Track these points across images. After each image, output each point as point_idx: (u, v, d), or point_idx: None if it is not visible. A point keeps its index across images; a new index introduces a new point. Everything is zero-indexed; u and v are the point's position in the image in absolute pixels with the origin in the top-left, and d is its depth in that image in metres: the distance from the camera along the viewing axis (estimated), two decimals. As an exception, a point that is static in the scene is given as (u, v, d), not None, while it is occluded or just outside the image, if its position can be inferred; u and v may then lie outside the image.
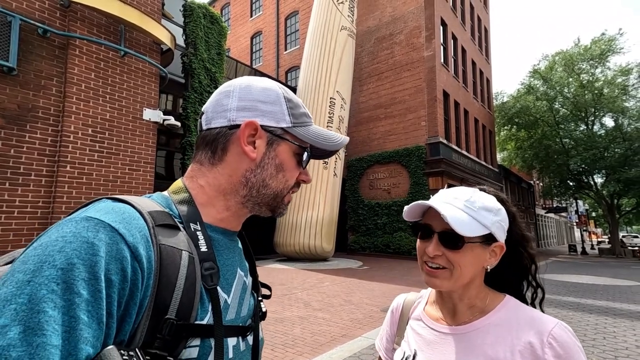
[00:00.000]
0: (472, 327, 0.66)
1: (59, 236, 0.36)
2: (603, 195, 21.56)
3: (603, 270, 12.73)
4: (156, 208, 0.48)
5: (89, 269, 0.35)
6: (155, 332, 0.40)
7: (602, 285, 8.77)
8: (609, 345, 4.01)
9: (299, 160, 0.58)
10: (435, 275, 0.66)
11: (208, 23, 8.44)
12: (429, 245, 0.66)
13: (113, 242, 0.38)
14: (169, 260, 0.43)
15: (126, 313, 0.39)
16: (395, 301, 0.86)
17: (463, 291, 0.69)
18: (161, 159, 8.98)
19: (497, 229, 0.65)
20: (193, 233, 0.49)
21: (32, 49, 4.31)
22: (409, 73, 14.51)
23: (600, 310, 5.83)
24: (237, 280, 0.56)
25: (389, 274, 9.24)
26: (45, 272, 0.33)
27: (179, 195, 0.53)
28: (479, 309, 0.68)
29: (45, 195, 4.33)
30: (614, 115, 20.30)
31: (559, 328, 0.59)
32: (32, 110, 4.28)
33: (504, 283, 0.73)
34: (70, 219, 0.40)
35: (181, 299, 0.43)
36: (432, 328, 0.71)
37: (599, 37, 20.62)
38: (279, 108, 0.56)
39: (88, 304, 0.34)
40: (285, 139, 0.56)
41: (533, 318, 0.63)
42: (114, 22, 5.00)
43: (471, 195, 0.67)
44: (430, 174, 13.37)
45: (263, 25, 20.69)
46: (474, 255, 0.65)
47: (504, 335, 0.62)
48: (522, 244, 0.72)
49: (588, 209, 33.08)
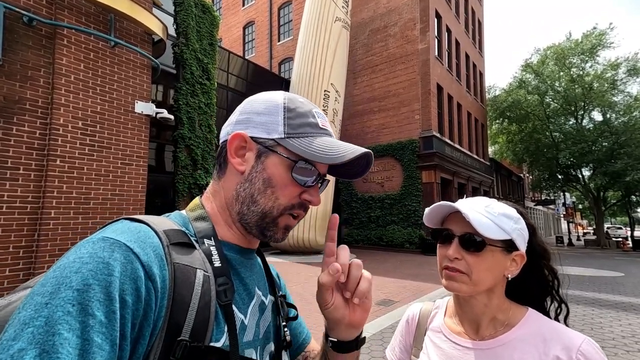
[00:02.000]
0: (498, 342, 0.65)
1: (77, 257, 0.37)
2: (590, 188, 22.08)
3: (589, 261, 13.10)
4: (172, 227, 0.47)
5: (104, 289, 0.35)
6: (169, 354, 0.39)
7: (589, 276, 9.04)
8: (596, 335, 4.15)
9: (297, 178, 0.51)
10: (454, 279, 0.66)
11: (199, 12, 8.23)
12: (449, 249, 0.66)
13: (127, 262, 0.38)
14: (183, 279, 0.43)
15: (140, 334, 0.38)
16: (411, 310, 0.85)
17: (486, 300, 0.68)
18: (152, 151, 8.82)
19: (517, 236, 0.66)
20: (207, 249, 0.48)
21: (18, 38, 4.14)
22: (403, 66, 14.46)
23: (587, 301, 6.01)
24: (255, 300, 0.54)
25: (382, 266, 9.35)
26: (62, 293, 0.34)
27: (195, 213, 0.53)
28: (501, 323, 0.67)
29: (34, 190, 4.22)
30: (603, 110, 20.69)
31: (587, 344, 0.59)
32: (19, 102, 4.13)
33: (527, 298, 0.73)
34: (88, 240, 0.40)
35: (195, 319, 0.42)
36: (453, 342, 0.70)
37: (590, 30, 20.84)
38: (273, 118, 0.52)
39: (102, 326, 0.34)
40: (276, 152, 0.51)
41: (560, 333, 0.62)
42: (104, 11, 4.82)
43: (490, 203, 0.68)
44: (424, 167, 13.47)
45: (255, 14, 20.28)
46: (495, 261, 0.65)
47: (530, 351, 0.62)
48: (545, 257, 0.72)
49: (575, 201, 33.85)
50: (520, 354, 0.62)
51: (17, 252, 4.01)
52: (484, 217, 0.64)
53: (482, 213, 0.65)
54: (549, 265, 0.72)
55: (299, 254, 11.00)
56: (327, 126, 0.56)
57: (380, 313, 4.66)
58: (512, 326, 0.66)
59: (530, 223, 0.72)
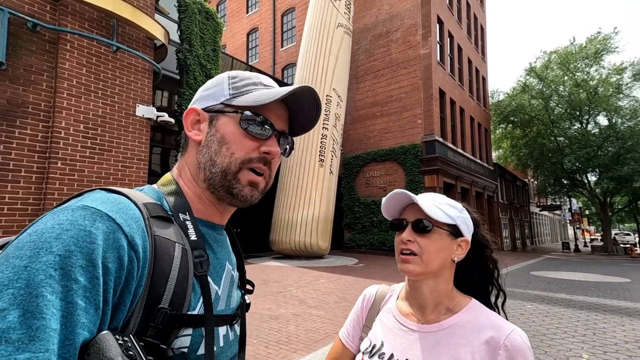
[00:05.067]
0: (439, 327, 0.71)
1: (56, 223, 0.36)
2: (596, 194, 21.79)
3: (595, 267, 12.88)
4: (149, 200, 0.49)
5: (86, 256, 0.35)
6: (149, 320, 0.41)
7: (594, 282, 8.88)
8: (599, 341, 4.07)
9: (248, 129, 0.53)
10: (407, 261, 0.72)
11: (203, 19, 8.35)
12: (404, 233, 0.74)
13: (110, 231, 0.39)
14: (163, 252, 0.44)
15: (121, 301, 0.39)
16: (367, 291, 0.89)
17: (434, 285, 0.74)
18: (156, 156, 8.91)
19: (461, 223, 0.74)
20: (182, 223, 0.50)
21: (22, 43, 4.24)
22: (405, 71, 14.50)
23: (591, 306, 5.90)
24: (225, 273, 0.57)
25: (385, 271, 9.28)
26: (43, 257, 0.33)
27: (168, 187, 0.55)
28: (446, 308, 0.73)
29: (35, 192, 4.28)
30: (608, 114, 20.49)
31: (515, 333, 0.65)
32: (22, 106, 4.22)
33: (472, 287, 0.79)
34: (66, 207, 0.40)
35: (174, 289, 0.44)
36: (400, 322, 0.76)
37: (595, 35, 20.76)
38: (219, 87, 0.56)
39: (85, 290, 0.35)
40: (224, 112, 0.55)
41: (493, 322, 0.68)
42: (106, 16, 4.93)
43: (437, 196, 0.77)
44: (426, 172, 13.41)
45: (259, 21, 20.54)
46: (443, 244, 0.72)
47: (466, 336, 0.67)
48: (488, 247, 0.80)
49: (581, 207, 33.46)
50: (457, 338, 0.68)
51: (17, 253, 4.06)
52: (432, 205, 0.73)
53: (431, 202, 0.74)
54: (491, 256, 0.79)
55: (301, 258, 10.96)
56: (273, 83, 0.58)
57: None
58: (455, 313, 0.72)
59: (475, 217, 0.80)
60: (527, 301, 6.22)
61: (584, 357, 3.54)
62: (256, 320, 4.44)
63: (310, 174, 11.23)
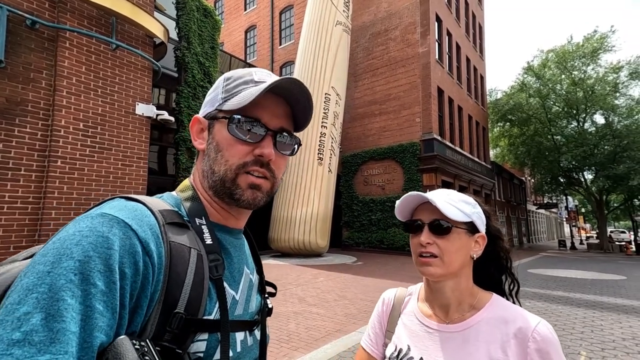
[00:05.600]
0: (466, 325, 0.70)
1: (76, 231, 0.38)
2: (592, 192, 21.95)
3: (591, 265, 13.01)
4: (166, 207, 0.50)
5: (104, 261, 0.37)
6: (165, 325, 0.42)
7: (590, 279, 8.98)
8: (597, 338, 4.12)
9: (236, 134, 0.52)
10: (428, 264, 0.71)
11: (201, 16, 8.31)
12: (421, 236, 0.73)
13: (126, 237, 0.40)
14: (179, 257, 0.45)
15: (137, 305, 0.41)
16: (386, 295, 0.88)
17: (455, 284, 0.73)
18: (154, 154, 8.87)
19: (477, 219, 0.74)
20: (198, 227, 0.51)
21: (21, 40, 4.20)
22: (403, 69, 14.51)
23: (588, 304, 5.97)
24: (244, 278, 0.57)
25: (383, 269, 9.32)
26: (64, 263, 0.35)
27: (185, 193, 0.56)
28: (469, 306, 0.73)
29: (35, 191, 4.26)
30: (605, 113, 20.61)
31: (542, 325, 0.66)
32: (21, 104, 4.19)
33: (487, 279, 0.79)
34: (86, 215, 0.42)
35: (190, 294, 0.44)
36: (425, 324, 0.75)
37: (591, 34, 20.84)
38: (216, 92, 0.56)
39: (103, 295, 0.36)
40: (218, 118, 0.54)
41: (519, 315, 0.69)
42: (105, 14, 4.89)
43: (450, 193, 0.76)
44: (424, 170, 13.45)
45: (257, 19, 20.44)
46: (462, 243, 0.72)
47: (494, 332, 0.67)
48: (500, 238, 0.80)
49: (577, 205, 33.65)
50: (485, 335, 0.68)
51: (17, 252, 4.01)
52: (447, 204, 0.71)
53: (446, 201, 0.72)
54: (504, 246, 0.79)
55: (300, 256, 10.98)
56: (267, 78, 0.55)
57: (379, 315, 4.65)
58: (478, 310, 0.72)
59: (486, 209, 0.80)
60: (524, 299, 6.28)
61: (582, 355, 3.59)
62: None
63: (309, 172, 11.24)
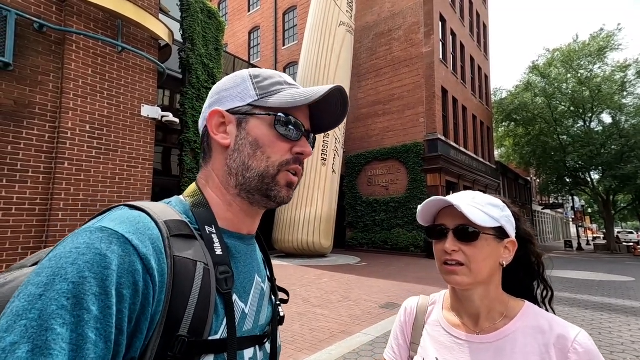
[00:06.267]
0: (500, 335, 0.66)
1: (73, 247, 0.36)
2: (599, 192, 21.71)
3: (598, 266, 12.86)
4: (174, 217, 0.47)
5: (100, 282, 0.35)
6: (167, 350, 0.39)
7: (598, 280, 8.87)
8: (605, 340, 4.07)
9: (282, 132, 0.52)
10: (455, 272, 0.66)
11: (205, 18, 8.35)
12: (446, 243, 0.67)
13: (125, 254, 0.37)
14: (183, 273, 0.42)
15: (137, 329, 0.38)
16: (408, 304, 0.83)
17: (485, 292, 0.68)
18: (158, 154, 8.93)
19: (506, 223, 0.68)
20: (209, 236, 0.48)
21: (28, 44, 4.25)
22: (407, 69, 14.47)
23: (595, 305, 5.90)
24: (254, 287, 0.54)
25: (387, 270, 9.29)
26: (57, 285, 0.33)
27: (194, 199, 0.52)
28: (500, 314, 0.68)
29: (43, 192, 4.30)
30: (612, 112, 20.39)
31: (583, 335, 0.62)
32: (29, 107, 4.24)
33: (517, 285, 0.74)
34: (85, 228, 0.39)
35: (194, 314, 0.41)
36: (453, 335, 0.70)
37: (598, 32, 20.62)
38: (244, 86, 0.54)
39: (97, 321, 0.34)
40: (254, 114, 0.52)
41: (557, 324, 0.64)
42: (111, 17, 4.94)
43: (475, 195, 0.70)
44: (428, 170, 13.40)
45: (261, 20, 20.50)
46: (490, 250, 0.66)
47: (531, 343, 0.63)
48: (532, 242, 0.74)
49: (584, 205, 33.30)
50: (521, 346, 0.63)
51: (25, 253, 4.09)
52: (473, 208, 0.66)
53: (471, 204, 0.67)
54: (535, 250, 0.74)
55: (304, 257, 10.99)
56: (297, 84, 0.57)
57: (385, 316, 4.64)
58: (511, 318, 0.67)
59: (515, 211, 0.74)
60: (531, 300, 6.22)
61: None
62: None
63: (312, 172, 11.24)
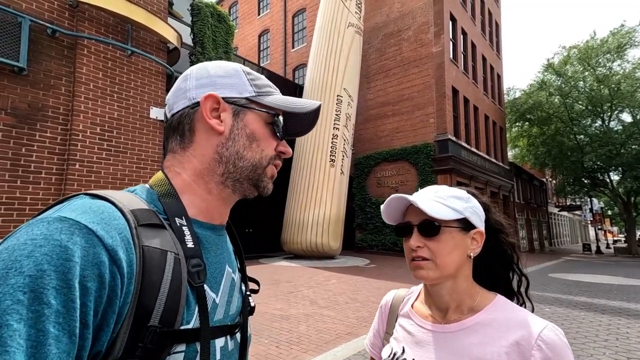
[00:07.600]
0: (461, 326, 0.66)
1: (29, 239, 0.33)
2: (619, 193, 20.98)
3: (618, 269, 12.39)
4: (140, 205, 0.45)
5: (60, 275, 0.32)
6: (137, 340, 0.38)
7: (617, 285, 8.54)
8: (622, 346, 3.90)
9: (273, 130, 0.56)
10: (420, 267, 0.67)
11: (215, 22, 8.48)
12: (411, 239, 0.68)
13: (89, 246, 0.35)
14: (153, 263, 0.40)
15: (104, 322, 0.36)
16: (385, 298, 0.86)
17: (453, 285, 0.68)
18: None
19: (470, 214, 0.67)
20: (179, 228, 0.46)
21: (42, 49, 4.39)
22: (417, 69, 14.33)
23: (613, 310, 5.67)
24: (225, 277, 0.53)
25: (396, 272, 9.18)
26: (11, 280, 0.30)
27: (162, 188, 0.50)
28: (468, 307, 0.68)
29: (55, 193, 4.43)
30: (632, 110, 19.65)
31: (549, 330, 0.58)
32: (42, 110, 4.37)
33: (493, 278, 0.73)
34: (42, 218, 0.36)
35: (165, 304, 0.40)
36: (420, 325, 0.71)
37: (618, 28, 19.95)
38: (239, 80, 0.55)
39: (58, 316, 0.31)
40: (252, 108, 0.54)
41: (523, 319, 0.62)
42: (121, 21, 5.06)
43: (438, 189, 0.70)
44: (439, 171, 13.21)
45: (270, 23, 20.70)
46: (455, 242, 0.66)
47: (492, 335, 0.62)
48: (502, 232, 0.73)
49: (603, 207, 32.23)
50: (481, 337, 0.62)
51: (38, 251, 4.21)
52: (434, 202, 0.66)
53: (432, 199, 0.67)
54: (508, 240, 0.73)
55: (312, 259, 10.96)
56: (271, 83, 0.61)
57: (391, 318, 4.58)
58: (477, 311, 0.66)
59: (484, 201, 0.74)
60: (544, 304, 6.03)
61: (605, 363, 3.40)
62: (267, 320, 4.46)
63: (321, 174, 11.23)
